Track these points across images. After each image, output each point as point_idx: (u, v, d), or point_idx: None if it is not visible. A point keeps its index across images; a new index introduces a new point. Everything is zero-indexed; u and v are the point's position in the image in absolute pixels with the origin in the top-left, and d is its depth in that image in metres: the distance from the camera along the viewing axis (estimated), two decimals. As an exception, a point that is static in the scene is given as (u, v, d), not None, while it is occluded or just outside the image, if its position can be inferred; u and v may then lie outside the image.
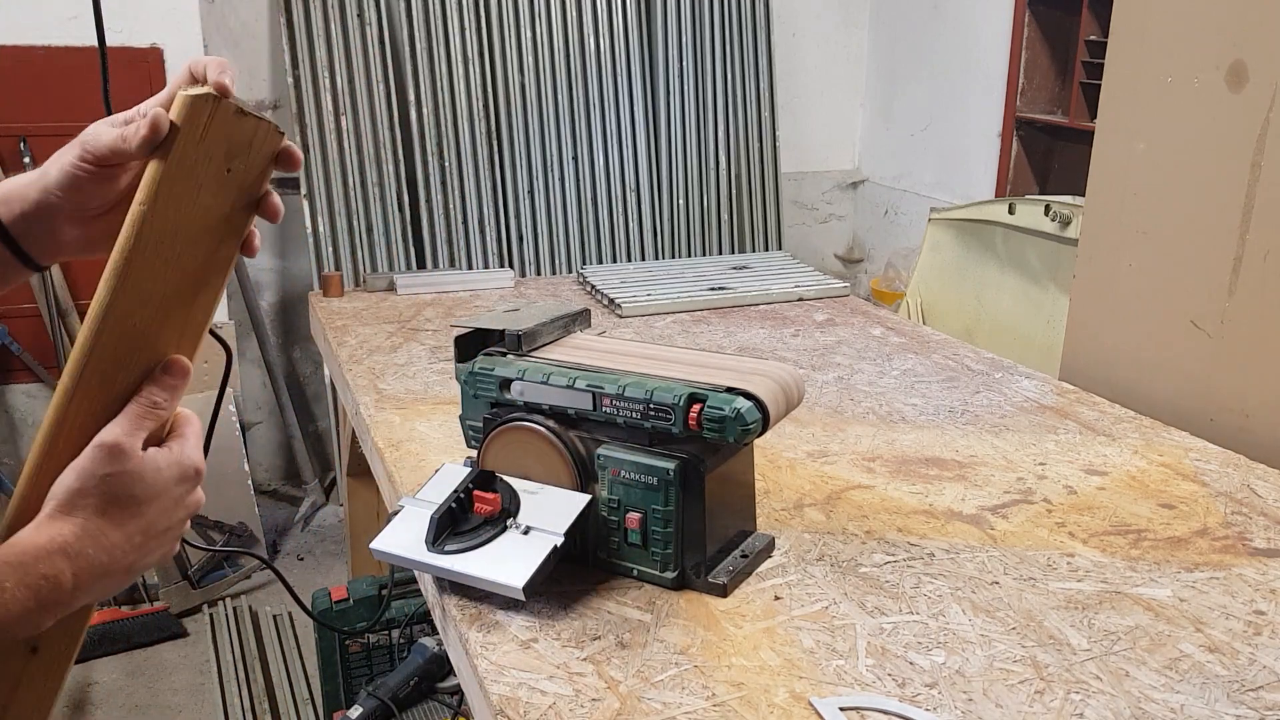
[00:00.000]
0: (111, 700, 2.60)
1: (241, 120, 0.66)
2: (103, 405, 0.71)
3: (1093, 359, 1.77)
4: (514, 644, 0.97)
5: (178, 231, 0.68)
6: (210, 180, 0.67)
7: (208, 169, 0.66)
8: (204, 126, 0.66)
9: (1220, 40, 1.51)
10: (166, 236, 0.67)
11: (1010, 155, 3.45)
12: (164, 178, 0.66)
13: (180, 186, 0.67)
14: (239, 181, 0.68)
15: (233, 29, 3.36)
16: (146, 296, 0.69)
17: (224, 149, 0.66)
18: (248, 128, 0.66)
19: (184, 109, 0.65)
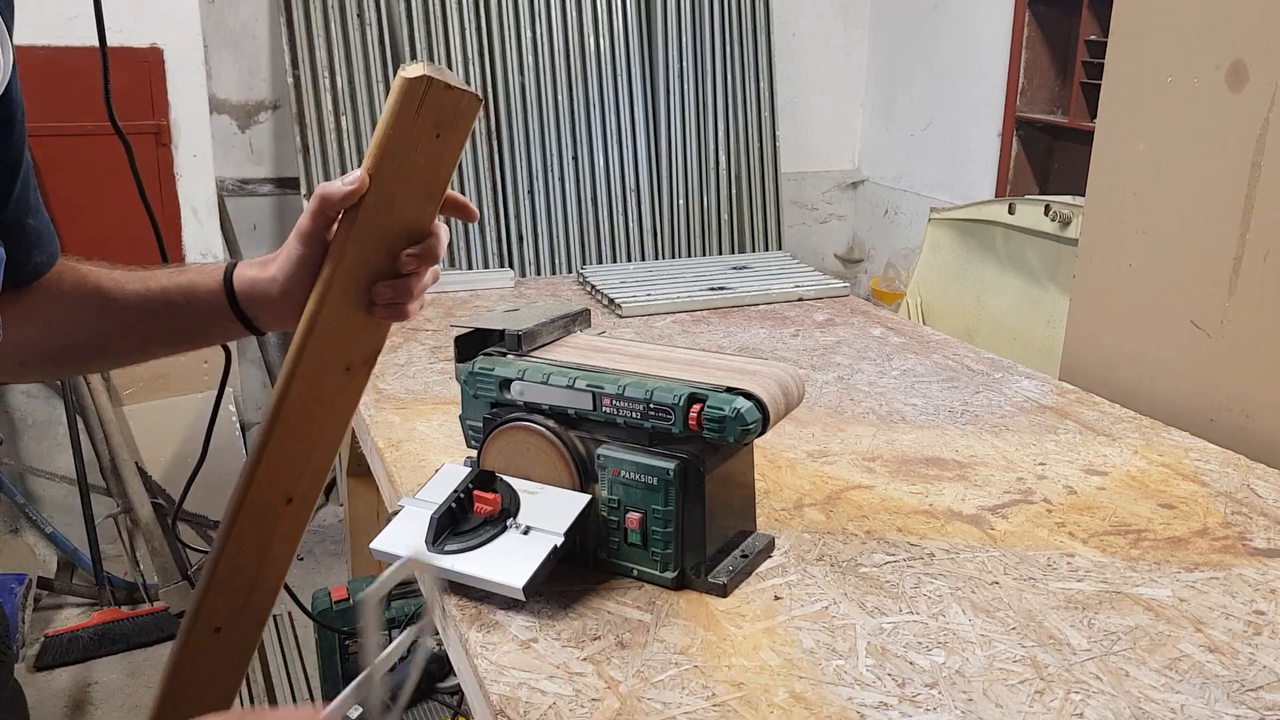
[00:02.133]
0: (111, 700, 2.60)
1: (449, 93, 0.76)
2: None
3: (1093, 359, 1.77)
4: (514, 644, 0.97)
5: (395, 186, 0.78)
6: (424, 145, 0.77)
7: (421, 136, 0.76)
8: (419, 101, 0.75)
9: (1220, 40, 1.51)
10: (387, 189, 0.78)
11: (1010, 155, 3.45)
12: (386, 141, 0.77)
13: (399, 150, 0.77)
14: (447, 142, 0.78)
15: (233, 29, 3.36)
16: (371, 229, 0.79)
17: (435, 118, 0.76)
18: (456, 98, 0.76)
19: (402, 89, 0.75)
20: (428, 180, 0.79)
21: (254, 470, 0.81)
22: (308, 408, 0.81)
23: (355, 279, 0.79)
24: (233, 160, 3.42)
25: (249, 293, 0.88)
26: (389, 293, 0.79)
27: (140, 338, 0.93)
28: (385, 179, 0.77)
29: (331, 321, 0.80)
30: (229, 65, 3.38)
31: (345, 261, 0.79)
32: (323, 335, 0.80)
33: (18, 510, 3.07)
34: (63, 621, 2.90)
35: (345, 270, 0.79)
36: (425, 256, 0.80)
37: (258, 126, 3.45)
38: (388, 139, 0.77)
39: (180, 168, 3.09)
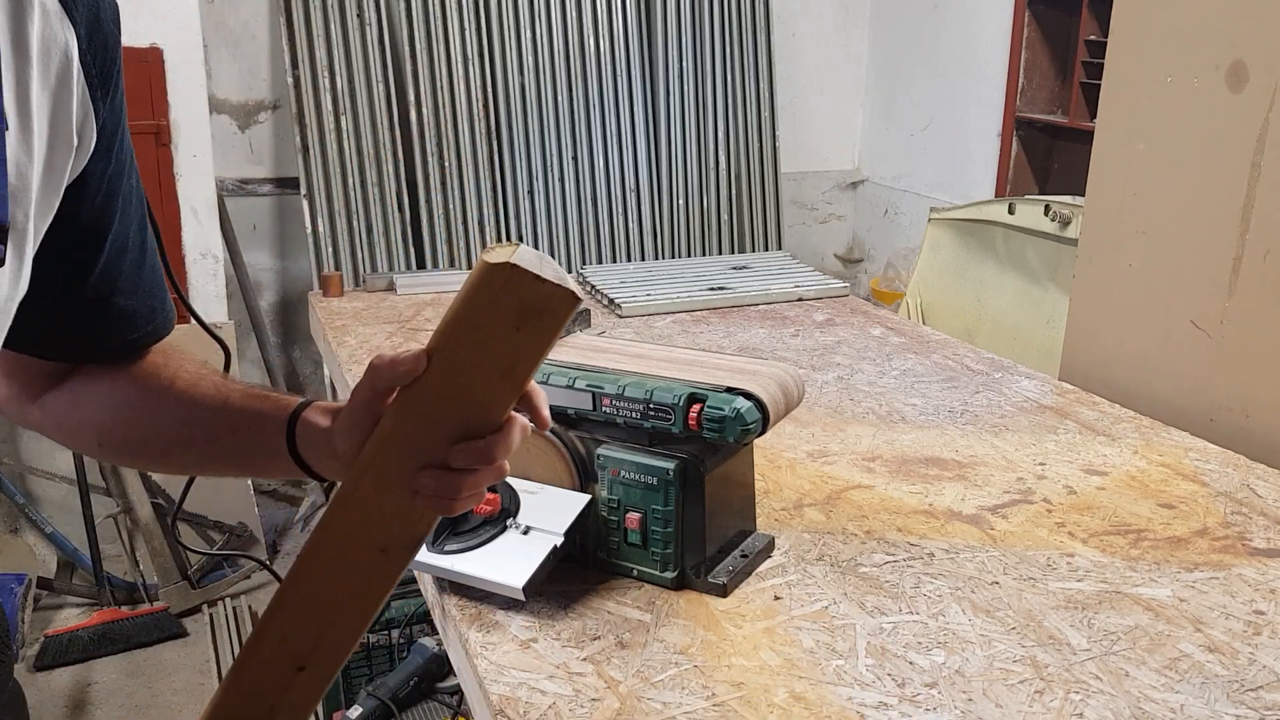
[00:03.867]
0: (111, 700, 2.60)
1: (539, 285, 0.67)
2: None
3: (1092, 359, 1.77)
4: (514, 644, 0.97)
5: (459, 373, 0.70)
6: (500, 335, 0.68)
7: (498, 325, 0.68)
8: (498, 289, 0.67)
9: (1220, 40, 1.51)
10: (449, 375, 0.70)
11: (1010, 155, 3.45)
12: (455, 324, 0.69)
13: (469, 336, 0.69)
14: (529, 337, 0.69)
15: (233, 29, 3.36)
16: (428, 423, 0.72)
17: (516, 309, 0.67)
18: (544, 293, 0.67)
19: (481, 273, 0.68)
20: (501, 372, 0.70)
21: (264, 628, 0.76)
22: (331, 580, 0.75)
23: (400, 461, 0.72)
24: (232, 160, 3.42)
25: (308, 440, 0.82)
26: (433, 484, 0.71)
27: (201, 454, 0.90)
28: (448, 364, 0.70)
29: (368, 500, 0.73)
30: (229, 65, 3.38)
31: (391, 440, 0.72)
32: (355, 511, 0.74)
33: (18, 510, 3.07)
34: (63, 621, 2.90)
35: (390, 449, 0.72)
36: (481, 455, 0.71)
37: (257, 126, 3.45)
38: (456, 323, 0.69)
39: (180, 168, 3.09)
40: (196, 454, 0.90)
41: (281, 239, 3.54)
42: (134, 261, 0.85)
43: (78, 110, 0.71)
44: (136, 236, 0.85)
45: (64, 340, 0.87)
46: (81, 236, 0.79)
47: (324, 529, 0.75)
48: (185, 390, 0.88)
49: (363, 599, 0.76)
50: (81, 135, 0.73)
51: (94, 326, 0.86)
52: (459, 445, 0.71)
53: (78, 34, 0.70)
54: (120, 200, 0.81)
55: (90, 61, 0.72)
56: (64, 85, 0.70)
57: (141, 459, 0.99)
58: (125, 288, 0.85)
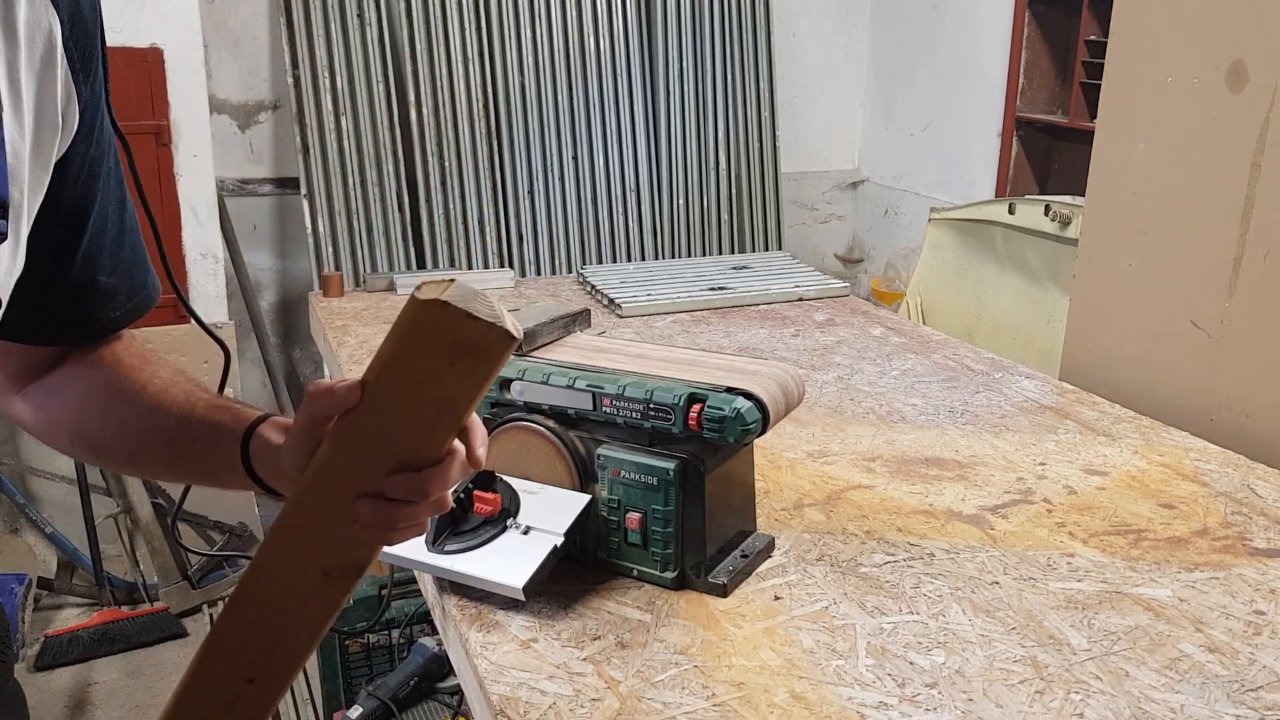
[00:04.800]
0: (111, 700, 2.60)
1: (472, 324, 0.65)
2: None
3: (1093, 359, 1.77)
4: (514, 644, 0.97)
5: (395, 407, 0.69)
6: (434, 371, 0.67)
7: (431, 361, 0.67)
8: (429, 326, 0.66)
9: (1220, 40, 1.51)
10: (383, 407, 0.69)
11: (1010, 155, 3.45)
12: (389, 359, 0.68)
13: (402, 371, 0.68)
14: (465, 374, 0.68)
15: (233, 29, 3.36)
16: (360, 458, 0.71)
17: (449, 346, 0.66)
18: (478, 330, 0.66)
19: (413, 310, 0.66)
20: (438, 409, 0.69)
21: (215, 639, 0.76)
22: (275, 599, 0.74)
23: (337, 488, 0.71)
24: (233, 160, 3.42)
25: (262, 456, 0.82)
26: (369, 513, 0.70)
27: (165, 461, 0.90)
28: (382, 398, 0.69)
29: (307, 525, 0.73)
30: (229, 65, 3.38)
31: (328, 468, 0.71)
32: (295, 535, 0.73)
33: (18, 510, 3.07)
34: (63, 621, 2.90)
35: (327, 477, 0.71)
36: (416, 489, 0.70)
37: (258, 126, 3.45)
38: (390, 359, 0.68)
39: (180, 168, 3.09)
40: (161, 460, 0.90)
41: (281, 239, 3.54)
42: (114, 240, 0.86)
43: (62, 93, 0.73)
44: (115, 214, 0.86)
45: (50, 322, 0.87)
46: (66, 217, 0.81)
47: (267, 549, 0.74)
48: (155, 396, 0.88)
49: (310, 617, 0.76)
50: (65, 117, 0.75)
51: (78, 306, 0.87)
52: (395, 477, 0.70)
53: (61, 19, 0.72)
54: (100, 181, 0.83)
55: (72, 46, 0.74)
56: (49, 68, 0.72)
57: (110, 459, 0.99)
58: (106, 265, 0.86)
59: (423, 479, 0.70)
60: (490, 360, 0.67)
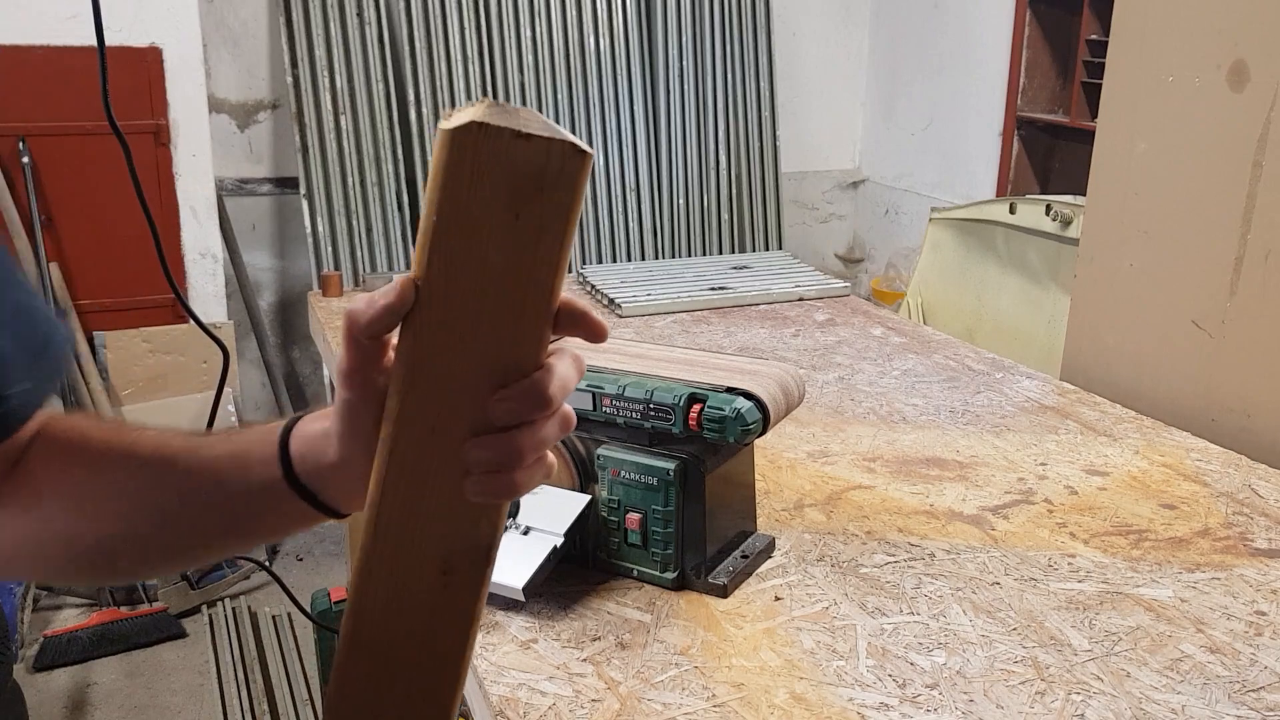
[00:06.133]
0: (111, 701, 2.59)
1: (525, 145, 0.48)
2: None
3: (1094, 359, 1.77)
4: (514, 644, 0.97)
5: (461, 297, 0.51)
6: (496, 230, 0.50)
7: (488, 216, 0.49)
8: (471, 162, 0.48)
9: (1221, 40, 1.50)
10: (449, 303, 0.52)
11: (1011, 155, 3.45)
12: (435, 227, 0.50)
13: (457, 240, 0.50)
14: (536, 225, 0.50)
15: (232, 28, 3.36)
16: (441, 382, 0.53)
17: (505, 187, 0.49)
18: (535, 153, 0.49)
19: (445, 148, 0.49)
20: (516, 283, 0.51)
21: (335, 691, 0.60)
22: (389, 623, 0.57)
23: (427, 440, 0.53)
24: (232, 160, 3.41)
25: (306, 457, 0.62)
26: (486, 455, 0.53)
27: (190, 527, 0.68)
28: (442, 289, 0.51)
29: (400, 509, 0.55)
30: (228, 65, 3.38)
31: (406, 417, 0.53)
32: (391, 527, 0.55)
33: (17, 510, 3.06)
34: (62, 622, 2.90)
35: (408, 430, 0.53)
36: (531, 397, 0.53)
37: (257, 126, 3.45)
38: (436, 225, 0.50)
39: (179, 167, 3.09)
40: (185, 528, 0.68)
41: (281, 239, 3.54)
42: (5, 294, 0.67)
43: None
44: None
45: None
46: None
47: (360, 570, 0.57)
48: (154, 450, 0.68)
49: (439, 636, 0.58)
50: None
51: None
52: (500, 395, 0.53)
53: None
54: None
55: None
56: None
57: (122, 557, 0.71)
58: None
59: (535, 384, 0.53)
60: (565, 192, 0.50)
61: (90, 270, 3.03)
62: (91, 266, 3.03)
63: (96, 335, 3.07)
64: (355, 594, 0.58)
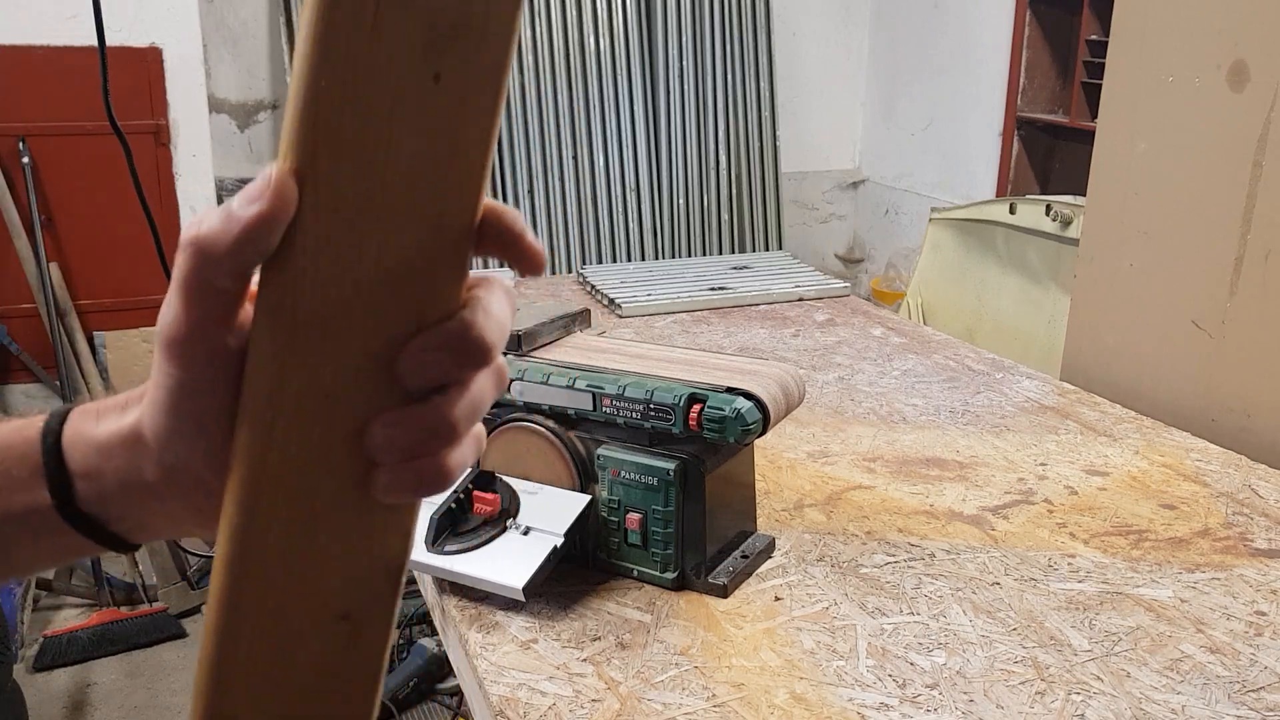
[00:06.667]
0: (110, 701, 2.59)
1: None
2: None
3: (1094, 359, 1.77)
4: (514, 645, 0.97)
5: (357, 200, 0.35)
6: (407, 101, 0.35)
7: (397, 79, 0.34)
8: (375, 3, 0.33)
9: (1221, 40, 1.50)
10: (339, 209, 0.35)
11: (1011, 155, 3.45)
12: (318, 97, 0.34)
13: (350, 113, 0.34)
14: (460, 91, 0.35)
15: (232, 28, 3.36)
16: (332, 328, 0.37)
17: (420, 39, 0.34)
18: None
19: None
20: (432, 181, 0.36)
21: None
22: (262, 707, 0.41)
23: (314, 429, 0.38)
24: (232, 160, 3.42)
25: (97, 476, 0.43)
26: (400, 435, 0.38)
27: None
28: (330, 192, 0.35)
29: (279, 536, 0.39)
30: (228, 65, 3.38)
31: (282, 396, 0.37)
32: (269, 569, 0.39)
33: (17, 510, 3.06)
34: (61, 622, 2.90)
35: (286, 417, 0.37)
36: (457, 347, 0.38)
37: (257, 126, 3.45)
38: (322, 97, 0.34)
39: (179, 167, 3.09)
40: None
41: (281, 239, 3.54)
42: None
43: None
44: None
45: None
46: None
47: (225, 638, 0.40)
48: None
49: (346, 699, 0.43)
50: None
51: None
52: (416, 345, 0.38)
53: None
54: None
55: None
56: None
57: None
58: None
59: (465, 326, 0.38)
60: (497, 41, 0.36)
61: (90, 270, 3.03)
62: (91, 266, 3.03)
63: (96, 335, 3.07)
64: (213, 671, 0.40)
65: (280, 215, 0.35)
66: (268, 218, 0.35)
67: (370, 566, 0.41)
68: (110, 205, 2.96)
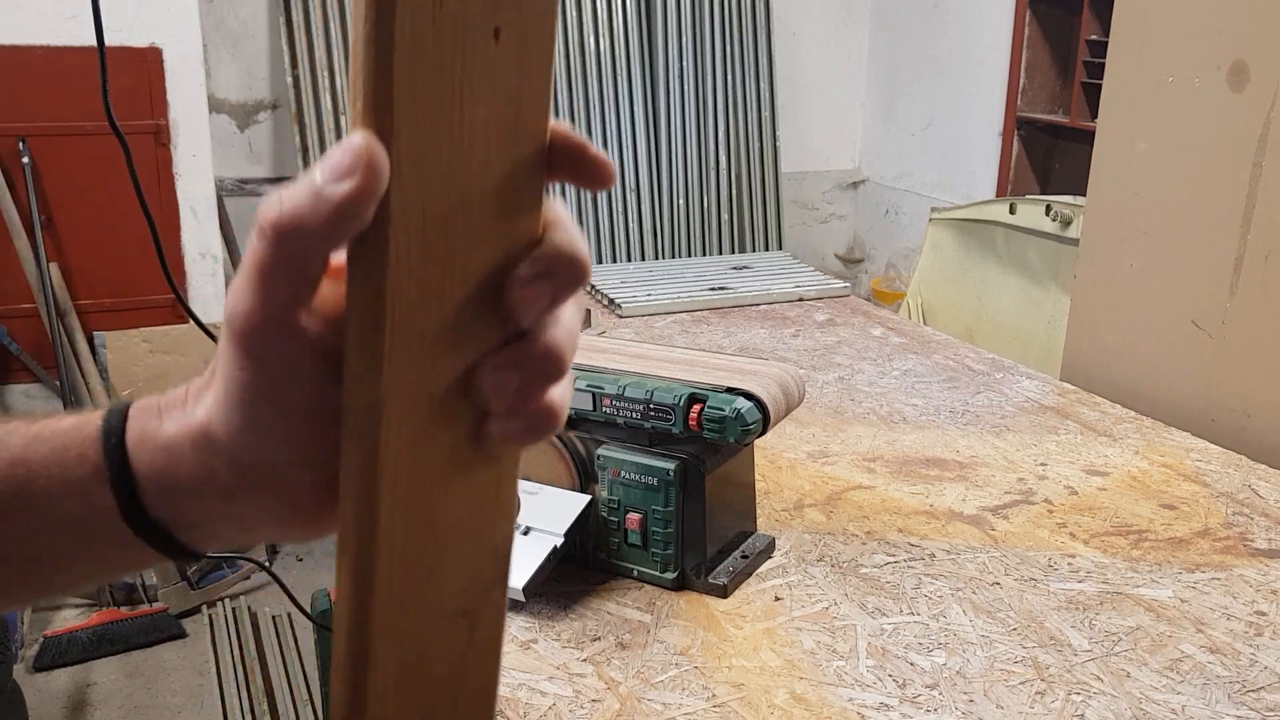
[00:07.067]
0: (110, 701, 2.59)
1: None
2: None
3: (1093, 359, 1.77)
4: (514, 645, 0.97)
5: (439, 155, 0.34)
6: (476, 61, 0.34)
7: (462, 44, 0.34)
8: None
9: (1221, 40, 1.50)
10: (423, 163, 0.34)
11: (1011, 155, 3.45)
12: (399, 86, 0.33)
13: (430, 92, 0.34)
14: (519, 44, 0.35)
15: (232, 28, 3.36)
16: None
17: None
18: None
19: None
20: (504, 131, 0.36)
21: None
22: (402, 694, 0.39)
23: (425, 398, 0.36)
24: (232, 160, 3.41)
25: (167, 479, 0.39)
26: (509, 375, 0.36)
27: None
28: (412, 159, 0.34)
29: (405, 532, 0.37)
30: (228, 65, 3.38)
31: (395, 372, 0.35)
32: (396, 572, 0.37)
33: (17, 510, 3.06)
34: (61, 622, 2.90)
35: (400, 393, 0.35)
36: (561, 265, 0.36)
37: (257, 126, 3.45)
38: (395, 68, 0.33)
39: (179, 167, 3.08)
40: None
41: (281, 239, 3.54)
42: None
43: None
44: None
45: None
46: None
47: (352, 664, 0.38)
48: None
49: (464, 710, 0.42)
50: None
51: None
52: (525, 268, 0.36)
53: None
54: None
55: None
56: None
57: None
58: None
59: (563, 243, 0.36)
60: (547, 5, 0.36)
61: (90, 270, 3.03)
62: (91, 266, 3.03)
63: (96, 335, 3.07)
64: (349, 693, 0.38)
65: (375, 188, 0.33)
66: (364, 192, 0.32)
67: (482, 553, 0.40)
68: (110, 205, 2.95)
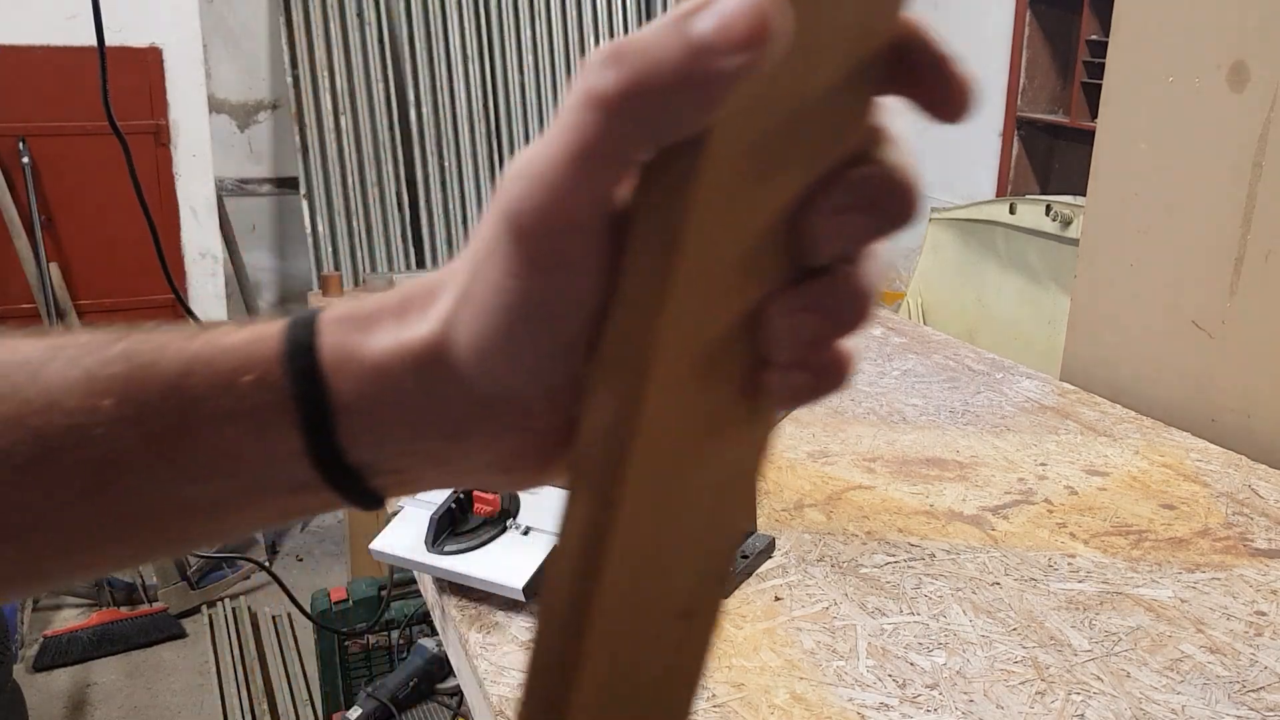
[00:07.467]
0: (110, 701, 2.59)
1: None
2: None
3: (1093, 359, 1.77)
4: (514, 645, 0.97)
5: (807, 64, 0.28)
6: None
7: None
8: None
9: (1222, 40, 1.50)
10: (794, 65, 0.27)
11: (1011, 155, 3.45)
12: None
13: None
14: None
15: (232, 29, 3.36)
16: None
17: None
18: None
19: None
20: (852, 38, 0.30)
21: None
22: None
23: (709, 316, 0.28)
24: (232, 160, 3.42)
25: (369, 404, 0.30)
26: (805, 324, 0.30)
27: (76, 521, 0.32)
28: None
29: (648, 507, 0.29)
30: (228, 65, 3.38)
31: (676, 306, 0.26)
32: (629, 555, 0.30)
33: (17, 510, 3.06)
34: (61, 622, 2.90)
35: (674, 332, 0.26)
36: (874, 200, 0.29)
37: (257, 126, 3.45)
38: None
39: (179, 167, 3.09)
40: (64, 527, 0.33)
41: (281, 239, 3.54)
42: None
43: None
44: None
45: None
46: None
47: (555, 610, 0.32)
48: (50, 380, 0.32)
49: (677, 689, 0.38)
50: None
51: None
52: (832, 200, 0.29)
53: None
54: None
55: None
56: None
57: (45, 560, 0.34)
58: None
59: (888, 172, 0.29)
60: None
61: (90, 270, 3.03)
62: (91, 266, 3.03)
63: (96, 335, 3.07)
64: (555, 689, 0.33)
65: (769, 58, 0.23)
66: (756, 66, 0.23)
67: (718, 546, 0.34)
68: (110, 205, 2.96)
